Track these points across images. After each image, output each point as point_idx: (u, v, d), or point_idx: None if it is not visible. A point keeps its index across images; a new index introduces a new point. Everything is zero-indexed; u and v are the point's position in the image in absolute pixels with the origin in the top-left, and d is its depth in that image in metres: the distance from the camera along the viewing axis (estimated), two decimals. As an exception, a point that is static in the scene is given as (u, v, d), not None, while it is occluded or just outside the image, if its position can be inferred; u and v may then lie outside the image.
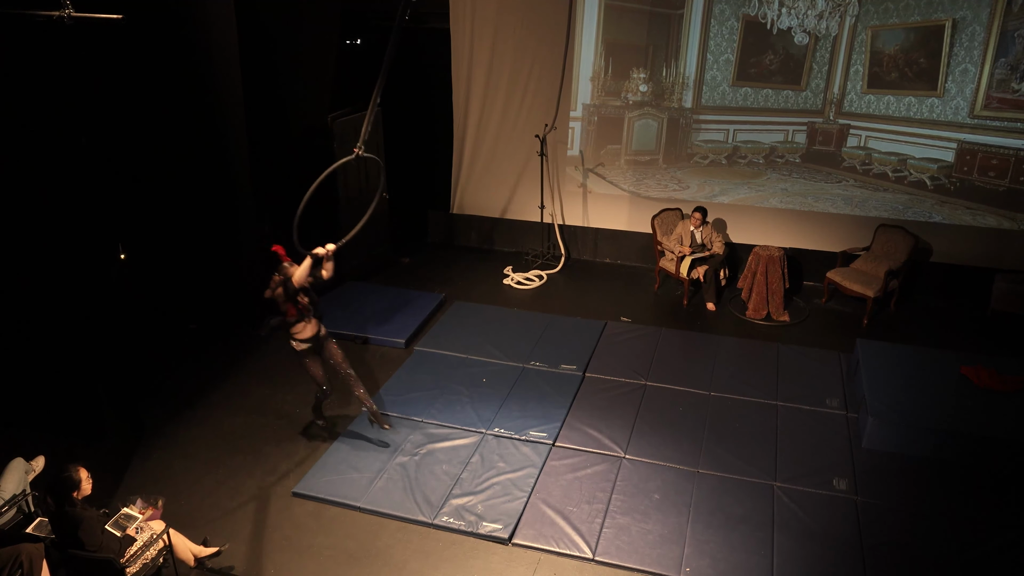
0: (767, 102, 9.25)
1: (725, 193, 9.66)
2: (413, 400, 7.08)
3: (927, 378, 6.87)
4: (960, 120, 8.62)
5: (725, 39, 9.10)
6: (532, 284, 9.56)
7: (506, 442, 6.53)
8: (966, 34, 8.32)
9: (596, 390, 7.26)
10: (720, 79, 9.27)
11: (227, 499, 5.96)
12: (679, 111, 9.50)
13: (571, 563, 5.39)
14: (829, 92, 9.02)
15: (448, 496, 5.92)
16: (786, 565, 5.30)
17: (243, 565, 5.35)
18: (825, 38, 8.82)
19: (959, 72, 8.46)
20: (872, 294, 8.34)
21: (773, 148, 9.43)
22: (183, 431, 6.74)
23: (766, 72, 9.12)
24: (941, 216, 9.00)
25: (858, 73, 8.85)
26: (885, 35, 8.65)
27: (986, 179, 8.74)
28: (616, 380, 7.40)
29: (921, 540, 5.51)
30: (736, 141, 9.51)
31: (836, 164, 9.27)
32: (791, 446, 6.47)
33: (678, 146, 9.67)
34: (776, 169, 9.48)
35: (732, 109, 9.36)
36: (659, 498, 5.91)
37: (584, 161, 9.97)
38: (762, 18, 8.89)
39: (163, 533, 5.02)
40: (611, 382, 7.37)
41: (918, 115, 8.77)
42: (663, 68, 9.38)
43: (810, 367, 7.60)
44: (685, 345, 8.01)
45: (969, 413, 6.41)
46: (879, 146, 9.06)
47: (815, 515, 5.73)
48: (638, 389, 7.25)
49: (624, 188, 9.97)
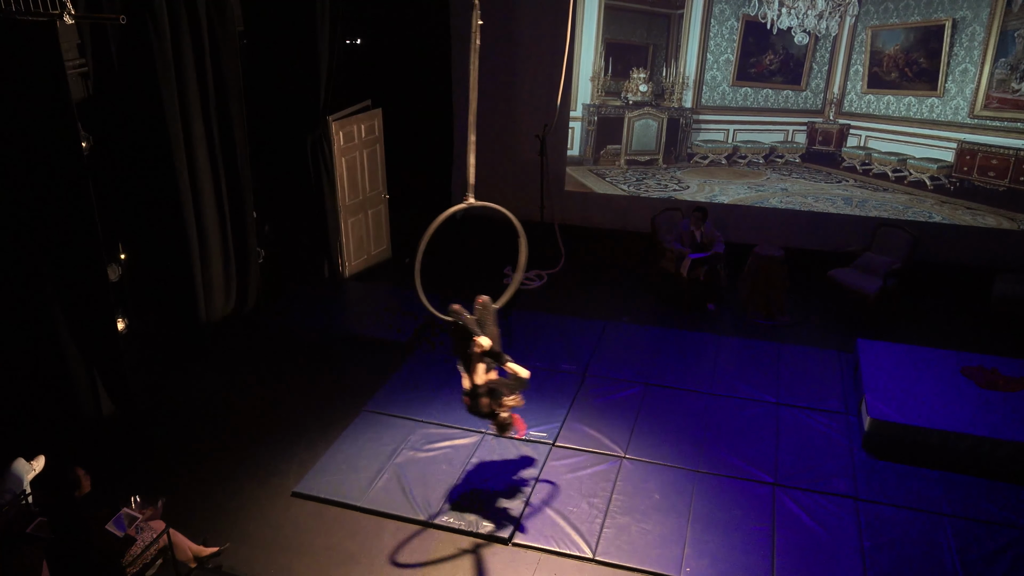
0: (767, 102, 9.25)
1: (725, 193, 9.66)
2: (413, 400, 7.08)
3: (927, 378, 6.87)
4: (960, 120, 8.63)
5: (725, 39, 9.10)
6: (532, 284, 9.56)
7: (506, 442, 6.52)
8: (966, 34, 8.32)
9: (596, 390, 7.26)
10: (720, 79, 9.27)
11: (227, 499, 5.96)
12: (679, 111, 9.50)
13: (571, 563, 5.39)
14: (829, 92, 9.03)
15: (448, 496, 5.92)
16: (786, 565, 5.30)
17: (243, 565, 5.35)
18: (825, 38, 8.82)
19: (959, 72, 8.47)
20: (872, 294, 8.33)
21: (773, 148, 9.44)
22: (183, 431, 6.73)
23: (766, 72, 9.12)
24: (941, 216, 9.00)
25: (858, 73, 8.85)
26: (885, 35, 8.65)
27: (986, 179, 8.74)
28: (616, 380, 7.40)
29: (921, 540, 5.52)
30: (736, 141, 9.52)
31: (836, 164, 9.27)
32: (791, 446, 6.47)
33: (678, 146, 9.68)
34: (776, 169, 9.49)
35: (732, 109, 9.37)
36: (659, 498, 5.90)
37: (584, 161, 9.97)
38: (762, 18, 8.89)
39: (163, 533, 5.02)
40: (611, 382, 7.37)
41: (918, 115, 8.78)
42: (663, 68, 9.38)
43: (810, 367, 7.60)
44: (685, 345, 8.01)
45: (969, 413, 6.40)
46: (879, 146, 9.06)
47: (815, 515, 5.73)
48: (638, 389, 7.25)
49: (624, 188, 9.97)
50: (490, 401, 5.30)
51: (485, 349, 5.25)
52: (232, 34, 7.39)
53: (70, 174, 5.78)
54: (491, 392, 5.31)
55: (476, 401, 5.35)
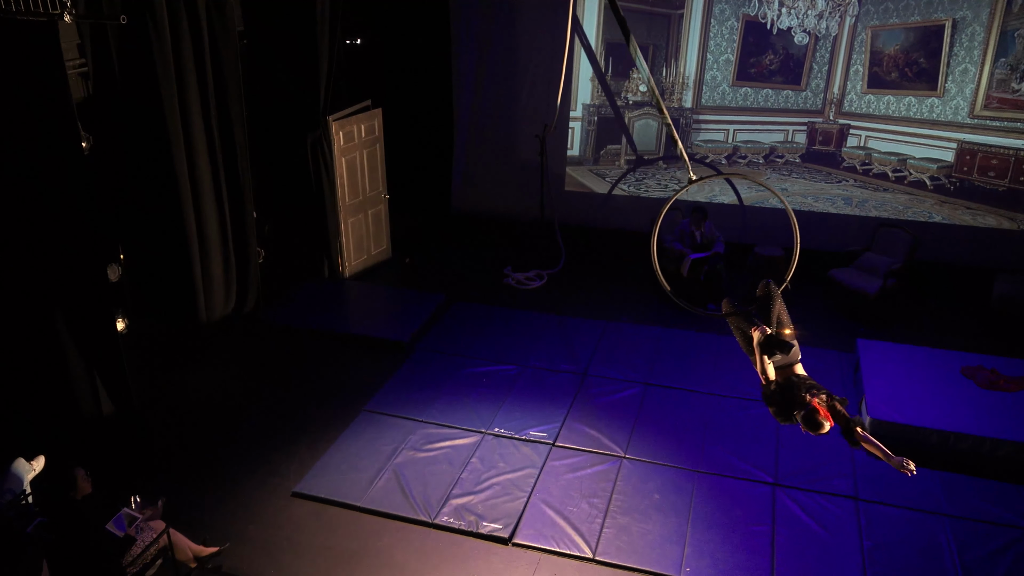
0: (767, 102, 9.25)
1: (725, 193, 9.66)
2: (413, 400, 7.08)
3: (927, 378, 6.87)
4: (960, 120, 8.62)
5: (725, 39, 9.10)
6: (532, 284, 9.56)
7: (506, 442, 6.52)
8: (966, 34, 8.32)
9: (596, 390, 7.26)
10: (720, 79, 9.27)
11: (227, 499, 5.96)
12: (679, 111, 9.49)
13: (571, 563, 5.39)
14: (829, 92, 9.02)
15: (448, 496, 5.92)
16: (786, 565, 5.30)
17: (243, 565, 5.35)
18: (825, 38, 8.82)
19: (959, 72, 8.46)
20: (872, 294, 8.33)
21: (773, 148, 9.43)
22: (183, 431, 6.73)
23: (766, 72, 9.12)
24: (941, 216, 9.00)
25: (858, 73, 8.85)
26: (885, 35, 8.65)
27: (986, 179, 8.73)
28: (616, 380, 7.40)
29: (921, 540, 5.52)
30: (736, 141, 9.51)
31: (836, 164, 9.27)
32: (791, 446, 6.47)
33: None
34: (776, 169, 9.49)
35: (732, 109, 9.37)
36: (659, 498, 5.90)
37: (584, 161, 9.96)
38: (762, 18, 8.89)
39: (163, 533, 5.02)
40: (611, 382, 7.37)
41: (918, 115, 8.78)
42: (663, 68, 9.38)
43: (810, 367, 7.55)
44: (685, 345, 8.00)
45: (969, 413, 6.40)
46: (879, 146, 9.06)
47: (815, 515, 5.73)
48: (638, 389, 7.24)
49: (624, 188, 9.97)
50: (789, 396, 4.41)
51: (767, 336, 4.51)
52: (232, 34, 7.38)
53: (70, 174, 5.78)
54: (789, 386, 4.48)
55: (774, 398, 4.48)
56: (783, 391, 4.46)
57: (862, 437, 4.31)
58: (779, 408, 4.47)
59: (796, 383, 4.49)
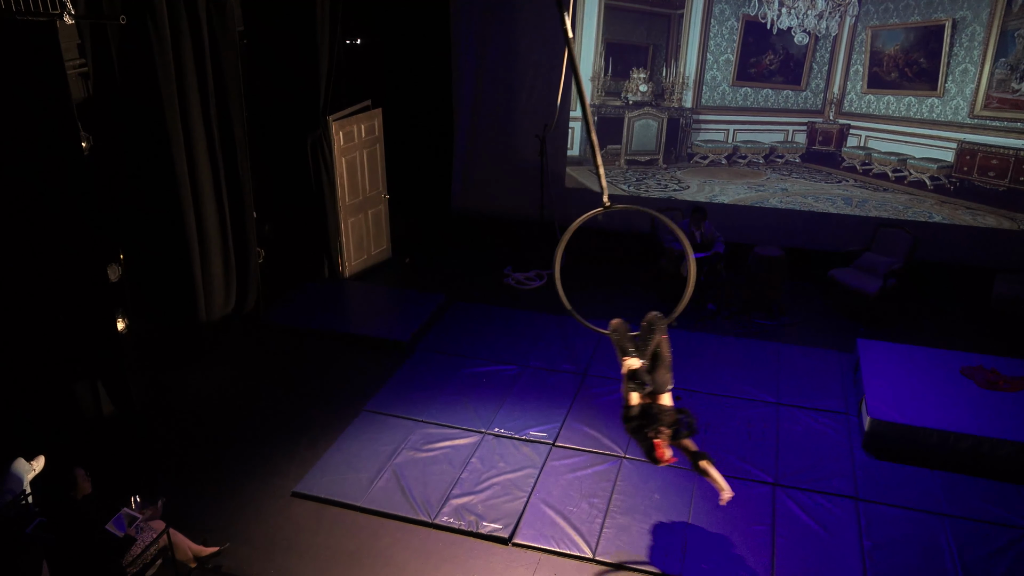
0: (767, 102, 9.25)
1: (725, 193, 9.66)
2: (413, 400, 7.08)
3: (927, 378, 6.87)
4: (960, 120, 8.63)
5: (725, 39, 9.10)
6: (532, 284, 9.56)
7: (506, 442, 6.53)
8: (966, 34, 8.32)
9: (596, 390, 7.26)
10: (720, 79, 9.27)
11: (227, 499, 5.96)
12: (679, 111, 9.50)
13: (571, 563, 5.39)
14: (829, 92, 9.03)
15: (448, 496, 5.92)
16: (786, 565, 5.30)
17: (243, 565, 5.35)
18: (825, 38, 8.82)
19: (959, 72, 8.47)
20: (872, 294, 8.33)
21: (773, 148, 9.43)
22: (183, 431, 6.73)
23: (766, 72, 9.12)
24: (941, 216, 9.00)
25: (858, 73, 8.85)
26: (885, 35, 8.65)
27: (986, 179, 8.74)
28: (616, 380, 7.37)
29: (921, 540, 5.51)
30: (736, 141, 9.52)
31: (836, 164, 9.27)
32: (791, 446, 6.47)
33: (678, 146, 9.68)
34: (776, 169, 9.49)
35: (732, 109, 9.37)
36: (659, 498, 5.90)
37: (584, 161, 9.96)
38: (762, 18, 8.89)
39: (163, 533, 5.02)
40: (611, 382, 7.36)
41: (918, 115, 8.78)
42: (663, 68, 9.38)
43: (810, 367, 7.60)
44: (685, 345, 8.00)
45: (969, 413, 6.40)
46: (879, 146, 9.06)
47: (815, 515, 5.73)
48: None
49: (624, 188, 9.97)
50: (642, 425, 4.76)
51: (631, 370, 4.90)
52: (232, 34, 7.38)
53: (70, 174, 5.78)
54: (645, 416, 4.79)
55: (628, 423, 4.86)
56: (640, 418, 4.79)
57: (702, 470, 4.85)
58: (632, 433, 4.88)
59: (654, 414, 4.78)
